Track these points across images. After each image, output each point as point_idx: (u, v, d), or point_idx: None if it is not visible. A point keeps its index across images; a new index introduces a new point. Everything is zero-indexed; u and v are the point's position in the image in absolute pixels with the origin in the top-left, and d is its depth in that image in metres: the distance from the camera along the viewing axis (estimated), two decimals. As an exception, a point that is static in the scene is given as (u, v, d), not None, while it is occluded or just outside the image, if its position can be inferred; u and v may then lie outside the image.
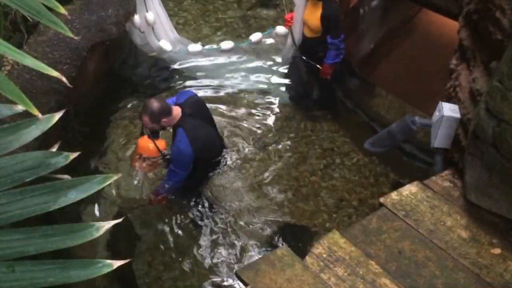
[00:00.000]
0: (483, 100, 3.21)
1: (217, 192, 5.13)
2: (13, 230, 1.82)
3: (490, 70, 3.37)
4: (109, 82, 6.01)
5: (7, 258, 1.76)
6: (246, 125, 5.78)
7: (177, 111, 4.33)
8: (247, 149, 5.51)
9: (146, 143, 4.47)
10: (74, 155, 2.03)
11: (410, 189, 3.77)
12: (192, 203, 4.97)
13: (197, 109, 4.52)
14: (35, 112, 1.55)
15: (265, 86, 6.25)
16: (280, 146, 5.60)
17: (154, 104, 4.20)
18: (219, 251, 4.66)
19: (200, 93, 5.77)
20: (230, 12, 7.46)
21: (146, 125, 4.34)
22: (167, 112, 4.24)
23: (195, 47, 6.17)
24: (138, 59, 6.39)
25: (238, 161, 5.38)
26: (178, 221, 4.87)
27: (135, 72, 6.35)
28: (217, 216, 4.93)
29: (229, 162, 5.34)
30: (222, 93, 6.12)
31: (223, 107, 5.93)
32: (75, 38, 4.59)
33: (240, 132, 5.69)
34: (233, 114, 5.82)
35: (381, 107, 6.00)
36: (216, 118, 5.67)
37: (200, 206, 4.98)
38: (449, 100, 4.01)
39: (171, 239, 4.74)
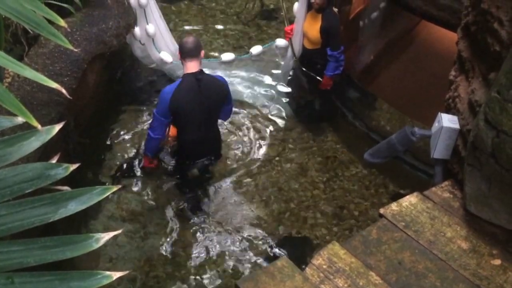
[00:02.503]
0: (482, 111, 3.22)
1: (217, 203, 5.13)
2: (12, 242, 1.82)
3: (488, 81, 3.38)
4: (110, 93, 6.03)
5: (7, 269, 1.76)
6: (246, 136, 5.79)
7: (193, 67, 4.46)
8: (247, 160, 5.52)
9: None
10: (74, 166, 2.03)
11: (410, 200, 3.77)
12: (191, 212, 4.99)
13: (207, 89, 4.49)
14: (35, 123, 1.56)
15: (265, 98, 6.27)
16: (280, 157, 5.61)
17: (189, 39, 4.52)
18: (219, 261, 4.65)
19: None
20: (231, 24, 7.50)
21: None
22: (186, 51, 4.44)
23: (195, 58, 6.19)
24: (138, 71, 6.42)
25: (239, 172, 5.39)
26: (178, 232, 4.87)
27: (136, 83, 6.37)
28: (217, 227, 4.92)
29: (229, 173, 5.36)
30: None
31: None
32: (75, 50, 4.62)
33: (241, 143, 5.70)
34: (233, 125, 5.83)
35: (381, 118, 6.01)
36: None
37: (200, 216, 4.99)
38: (448, 111, 4.02)
39: (170, 250, 4.74)
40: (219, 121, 4.99)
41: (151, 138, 4.65)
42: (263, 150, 5.67)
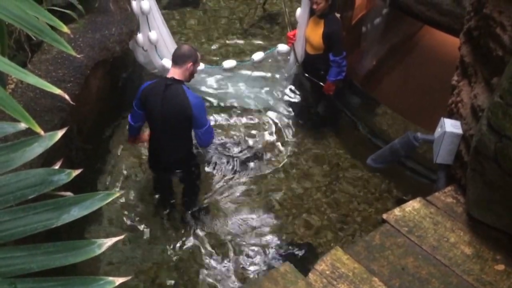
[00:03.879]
0: (484, 116, 3.21)
1: (219, 209, 5.13)
2: (15, 247, 1.82)
3: (491, 86, 3.38)
4: (113, 99, 6.04)
5: (9, 275, 1.76)
6: (249, 142, 5.80)
7: (171, 72, 4.46)
8: (250, 166, 5.52)
9: None
10: (76, 172, 2.03)
11: (413, 205, 3.76)
12: (192, 219, 4.99)
13: (168, 100, 4.40)
14: (37, 129, 1.56)
15: (268, 104, 6.28)
16: (284, 163, 5.61)
17: (182, 47, 4.54)
18: (222, 268, 4.64)
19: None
20: (233, 30, 7.51)
21: None
22: (172, 56, 4.50)
23: (198, 65, 6.20)
24: (141, 77, 6.43)
25: (240, 177, 5.39)
26: (181, 238, 4.87)
27: (138, 89, 6.37)
28: (221, 233, 4.92)
29: (231, 178, 5.36)
30: (224, 111, 6.15)
31: (225, 125, 5.95)
32: (78, 56, 4.64)
33: (243, 149, 5.70)
34: (236, 131, 5.84)
35: (383, 123, 6.01)
36: (219, 136, 5.71)
37: (203, 222, 4.99)
38: (451, 116, 4.01)
39: (174, 257, 4.74)
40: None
41: (128, 122, 4.77)
42: (265, 156, 5.67)
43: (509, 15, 3.19)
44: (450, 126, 3.81)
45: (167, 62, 6.07)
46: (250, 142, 5.81)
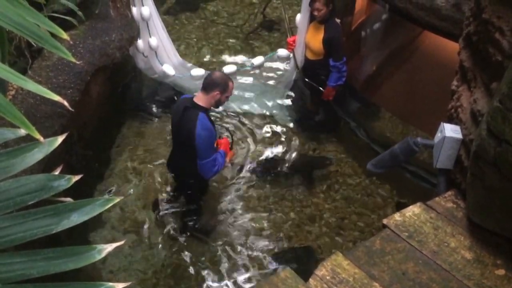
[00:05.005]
0: (484, 120, 3.21)
1: (220, 214, 5.13)
2: (15, 253, 1.83)
3: (491, 91, 3.38)
4: (113, 105, 6.05)
5: (10, 281, 1.76)
6: (249, 147, 5.80)
7: (196, 96, 4.47)
8: (250, 172, 5.52)
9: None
10: (76, 178, 2.04)
11: (413, 210, 3.76)
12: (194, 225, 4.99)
13: (180, 122, 4.46)
14: (37, 135, 1.57)
15: (267, 109, 6.28)
16: (283, 168, 5.61)
17: (213, 74, 4.52)
18: (222, 273, 4.64)
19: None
20: (233, 35, 7.53)
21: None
22: (203, 81, 4.50)
23: (198, 71, 6.21)
24: (141, 83, 6.44)
25: (241, 183, 5.39)
26: (181, 243, 4.86)
27: (139, 95, 6.40)
28: (220, 239, 4.92)
29: (230, 184, 5.36)
30: (224, 116, 6.16)
31: (225, 130, 5.96)
32: (78, 63, 4.65)
33: (243, 154, 5.70)
34: (235, 137, 5.84)
35: (383, 128, 6.01)
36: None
37: (201, 228, 4.99)
38: (450, 121, 4.01)
39: (173, 262, 4.73)
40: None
41: None
42: (265, 161, 5.67)
43: (508, 20, 3.19)
44: (450, 131, 3.81)
45: (167, 68, 6.09)
46: (248, 146, 5.81)
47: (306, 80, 6.18)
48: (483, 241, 3.53)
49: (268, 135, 5.99)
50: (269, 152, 5.77)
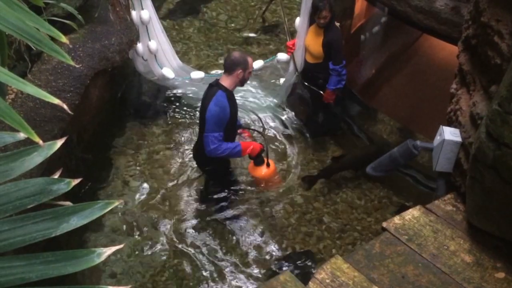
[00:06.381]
0: (483, 124, 3.22)
1: (220, 218, 5.13)
2: (14, 257, 1.82)
3: (490, 94, 3.38)
4: (113, 109, 6.06)
5: (8, 285, 1.75)
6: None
7: (221, 78, 4.66)
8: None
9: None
10: (75, 181, 2.03)
11: (412, 213, 3.76)
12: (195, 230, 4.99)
13: (204, 99, 4.67)
14: (36, 139, 1.56)
15: (267, 112, 6.28)
16: (282, 171, 5.61)
17: (231, 54, 4.70)
18: (222, 277, 4.64)
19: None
20: (232, 39, 7.53)
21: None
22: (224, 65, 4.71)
23: (198, 74, 6.21)
24: (141, 86, 6.44)
25: (241, 186, 5.38)
26: (182, 246, 4.86)
27: (139, 99, 6.40)
28: (220, 242, 4.92)
29: (232, 188, 5.35)
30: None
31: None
32: (77, 66, 4.65)
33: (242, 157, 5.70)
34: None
35: (383, 131, 6.02)
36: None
37: (205, 232, 4.99)
38: (450, 124, 4.02)
39: (174, 266, 4.73)
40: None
41: None
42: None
43: (507, 24, 3.20)
44: (449, 134, 3.81)
45: (167, 71, 6.09)
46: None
47: (306, 83, 6.18)
48: (482, 244, 3.54)
49: (267, 138, 5.97)
50: (268, 155, 5.76)
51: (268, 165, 5.02)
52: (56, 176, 2.17)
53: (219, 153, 4.60)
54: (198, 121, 4.86)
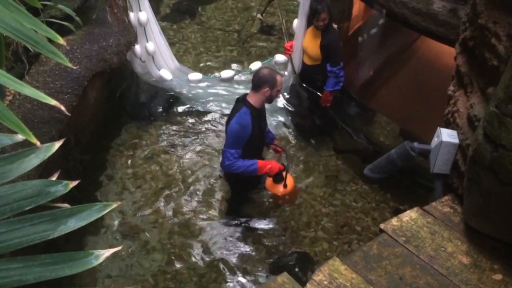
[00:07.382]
0: (481, 125, 3.22)
1: (217, 218, 5.13)
2: (11, 259, 1.82)
3: (487, 96, 3.39)
4: (111, 110, 6.05)
5: (6, 287, 1.75)
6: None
7: (249, 94, 4.56)
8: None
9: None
10: (73, 183, 2.03)
11: (410, 215, 3.76)
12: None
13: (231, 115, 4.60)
14: (34, 140, 1.56)
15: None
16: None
17: (258, 72, 4.55)
18: (221, 278, 4.64)
19: (202, 121, 5.82)
20: (230, 41, 7.54)
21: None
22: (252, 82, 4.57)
23: (196, 75, 6.22)
24: (139, 88, 6.44)
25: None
26: (180, 248, 4.86)
27: (136, 100, 6.40)
28: (218, 244, 4.91)
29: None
30: (222, 122, 6.15)
31: (223, 135, 5.95)
32: (75, 68, 4.65)
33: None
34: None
35: (380, 133, 6.02)
36: (219, 145, 5.71)
37: (202, 234, 4.99)
38: (447, 125, 4.02)
39: (172, 267, 4.73)
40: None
41: None
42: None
43: (504, 25, 3.21)
44: (447, 135, 3.82)
45: (164, 73, 6.09)
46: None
47: (303, 85, 6.19)
48: (480, 246, 3.54)
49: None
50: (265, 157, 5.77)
51: (285, 186, 4.85)
52: (54, 178, 2.17)
53: (233, 170, 4.52)
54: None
